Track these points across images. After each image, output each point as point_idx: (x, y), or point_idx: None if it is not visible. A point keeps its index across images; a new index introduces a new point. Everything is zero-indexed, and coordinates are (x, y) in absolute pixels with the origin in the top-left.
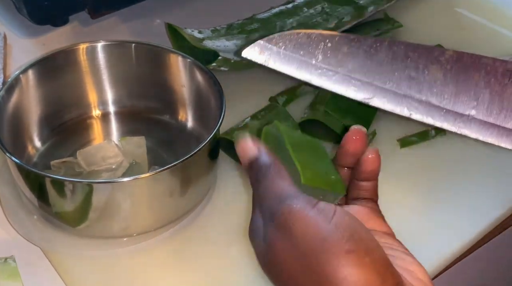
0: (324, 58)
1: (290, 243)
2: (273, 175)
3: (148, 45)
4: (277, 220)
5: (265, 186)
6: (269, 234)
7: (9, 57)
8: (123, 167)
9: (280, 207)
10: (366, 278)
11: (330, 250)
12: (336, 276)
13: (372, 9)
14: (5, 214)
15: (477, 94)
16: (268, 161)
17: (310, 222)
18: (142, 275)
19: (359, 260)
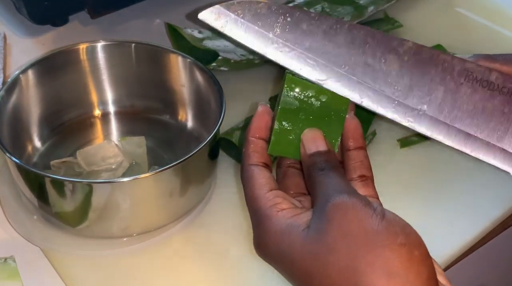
0: (282, 33)
1: (343, 233)
2: (334, 170)
3: (148, 45)
4: (333, 210)
5: (328, 177)
6: (322, 222)
7: (9, 57)
8: (123, 167)
9: (338, 198)
10: (417, 271)
11: (384, 242)
12: (388, 268)
13: (372, 9)
14: (5, 214)
15: (431, 90)
16: (332, 157)
17: (366, 216)
18: (142, 275)
19: (410, 253)
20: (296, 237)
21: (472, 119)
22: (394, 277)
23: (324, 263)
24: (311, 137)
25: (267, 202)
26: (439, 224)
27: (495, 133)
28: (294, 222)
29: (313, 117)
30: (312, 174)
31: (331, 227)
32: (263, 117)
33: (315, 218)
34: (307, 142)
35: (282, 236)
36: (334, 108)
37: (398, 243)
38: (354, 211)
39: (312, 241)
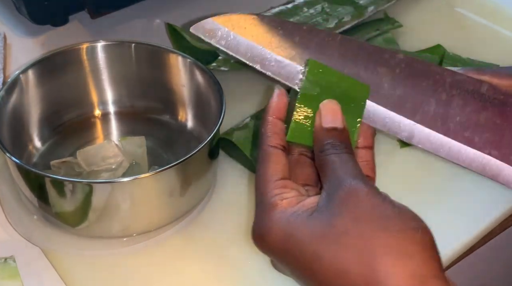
0: (274, 45)
1: (355, 218)
2: (349, 153)
3: (148, 45)
4: (346, 194)
5: (341, 159)
6: (334, 205)
7: (9, 57)
8: (123, 167)
9: (353, 182)
10: (430, 255)
11: (397, 227)
12: (402, 251)
13: (372, 9)
14: (5, 214)
15: (423, 102)
16: (347, 138)
17: (378, 202)
18: (142, 275)
19: (423, 238)
20: (303, 222)
21: (465, 131)
22: (409, 258)
23: (335, 245)
24: (331, 109)
25: (275, 189)
26: (439, 224)
27: (488, 145)
28: (300, 208)
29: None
30: (325, 151)
31: (343, 210)
32: (281, 99)
33: (325, 199)
34: (326, 113)
35: (287, 223)
36: (354, 96)
37: (411, 227)
38: (368, 197)
39: (322, 223)
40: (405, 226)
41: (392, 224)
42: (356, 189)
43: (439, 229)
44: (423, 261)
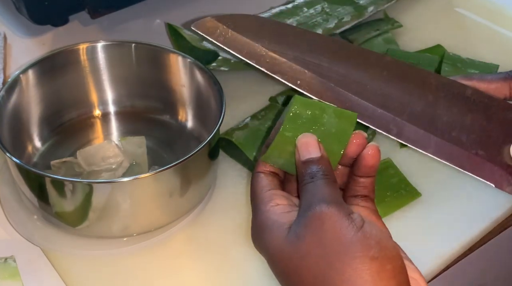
0: (269, 44)
1: (318, 241)
2: (325, 179)
3: (148, 45)
4: (312, 218)
5: (315, 186)
6: (300, 228)
7: (9, 57)
8: (123, 167)
9: (318, 207)
10: (386, 284)
11: (356, 254)
12: (357, 279)
13: (372, 9)
14: (5, 214)
15: (411, 102)
16: (325, 165)
17: (342, 226)
18: (142, 275)
19: (381, 267)
20: (277, 235)
21: (452, 131)
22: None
23: (298, 267)
24: (305, 143)
25: (264, 198)
26: (439, 224)
27: (475, 145)
28: (280, 219)
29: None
30: (303, 181)
31: (307, 234)
32: None
33: (296, 223)
34: (300, 148)
35: (266, 230)
36: (340, 125)
37: (370, 256)
38: (331, 221)
39: (289, 244)
40: (364, 253)
41: (352, 251)
42: (321, 213)
43: (439, 229)
44: None
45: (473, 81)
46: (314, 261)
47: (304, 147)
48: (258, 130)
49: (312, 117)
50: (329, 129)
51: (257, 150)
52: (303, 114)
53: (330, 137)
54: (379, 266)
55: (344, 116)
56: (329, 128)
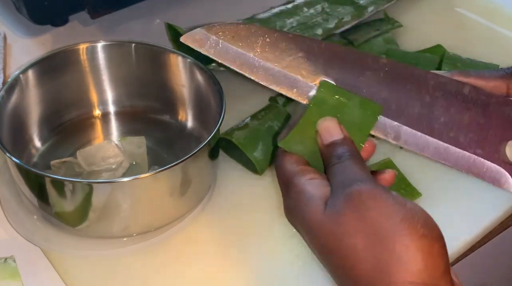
0: (262, 52)
1: (361, 218)
2: (352, 159)
3: (148, 45)
4: (351, 196)
5: (344, 166)
6: (339, 204)
7: (9, 57)
8: (123, 167)
9: (356, 186)
10: (435, 263)
11: (404, 231)
12: (408, 256)
13: (372, 9)
14: (5, 214)
15: (408, 104)
16: (349, 145)
17: (387, 204)
18: (142, 275)
19: (430, 245)
20: (315, 209)
21: (450, 131)
22: (412, 266)
23: (341, 243)
24: (326, 127)
25: (299, 172)
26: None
27: (473, 144)
28: (318, 193)
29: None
30: (330, 163)
31: (347, 211)
32: None
33: (333, 200)
34: (322, 132)
35: (303, 204)
36: (363, 115)
37: (419, 234)
38: (373, 199)
39: (329, 219)
40: (412, 231)
41: (400, 228)
42: (360, 191)
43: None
44: (425, 268)
45: (470, 78)
46: (360, 237)
47: (326, 130)
48: (258, 130)
49: (337, 104)
50: (352, 119)
51: (257, 150)
52: (329, 99)
53: (352, 128)
54: (429, 244)
55: (369, 107)
56: (353, 118)
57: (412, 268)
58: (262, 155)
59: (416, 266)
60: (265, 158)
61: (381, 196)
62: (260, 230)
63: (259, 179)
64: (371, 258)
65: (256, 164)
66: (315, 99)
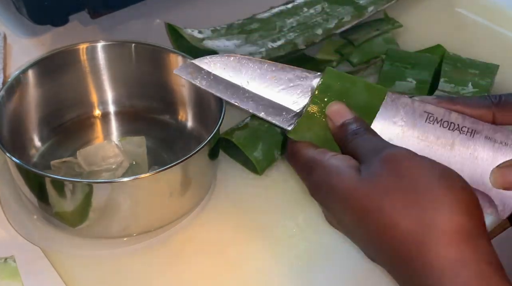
0: (251, 83)
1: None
2: (371, 132)
3: (148, 45)
4: (385, 158)
5: (365, 138)
6: (375, 167)
7: (9, 57)
8: (123, 167)
9: (388, 149)
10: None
11: (446, 184)
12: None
13: (372, 9)
14: (5, 214)
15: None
16: (362, 122)
17: (424, 163)
18: (142, 275)
19: (470, 198)
20: (348, 177)
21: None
22: (456, 214)
23: (382, 201)
24: (336, 109)
25: (320, 152)
26: None
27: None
28: (347, 162)
29: None
30: (347, 141)
31: (384, 172)
32: None
33: (367, 165)
34: (333, 115)
35: (333, 175)
36: (368, 99)
37: (458, 186)
38: (409, 159)
39: (365, 182)
40: (452, 184)
41: (441, 182)
42: (394, 153)
43: None
44: (469, 218)
45: (457, 106)
46: (401, 194)
47: (336, 113)
48: (258, 130)
49: (342, 89)
50: (358, 102)
51: (257, 150)
52: (334, 85)
53: (358, 111)
54: (469, 196)
55: (374, 91)
56: (358, 101)
57: (458, 218)
58: (262, 155)
59: (461, 215)
60: (265, 158)
61: (415, 156)
62: (260, 230)
63: (259, 179)
64: (415, 213)
65: (256, 164)
66: (321, 86)
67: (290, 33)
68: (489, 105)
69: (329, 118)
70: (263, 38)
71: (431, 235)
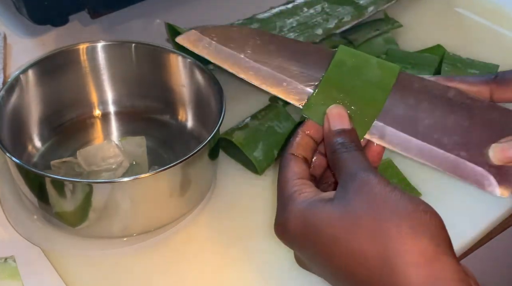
0: (252, 53)
1: (369, 204)
2: (359, 151)
3: (148, 45)
4: (360, 183)
5: (353, 156)
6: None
7: (9, 57)
8: (123, 167)
9: (365, 174)
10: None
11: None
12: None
13: (372, 9)
14: (5, 214)
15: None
16: (355, 136)
17: (389, 191)
18: (142, 275)
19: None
20: (320, 209)
21: (434, 133)
22: (420, 237)
23: (351, 228)
24: (337, 114)
25: (294, 186)
26: None
27: (457, 146)
28: (317, 198)
29: (357, 89)
30: (337, 151)
31: (357, 197)
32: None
33: (341, 191)
34: (333, 118)
35: (305, 211)
36: (381, 77)
37: (421, 210)
38: (379, 186)
39: (338, 209)
40: (415, 209)
41: (403, 208)
42: (368, 179)
43: None
44: (432, 240)
45: (454, 82)
46: (369, 220)
47: (337, 117)
48: (258, 130)
49: (356, 65)
50: (371, 78)
51: (257, 150)
52: (347, 61)
53: (373, 86)
54: (431, 218)
55: (386, 67)
56: (372, 77)
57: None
58: (262, 155)
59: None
60: (265, 158)
61: (386, 184)
62: (260, 230)
63: (259, 179)
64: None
65: (256, 164)
66: (335, 62)
67: (290, 33)
68: (487, 82)
69: (326, 119)
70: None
71: (398, 260)
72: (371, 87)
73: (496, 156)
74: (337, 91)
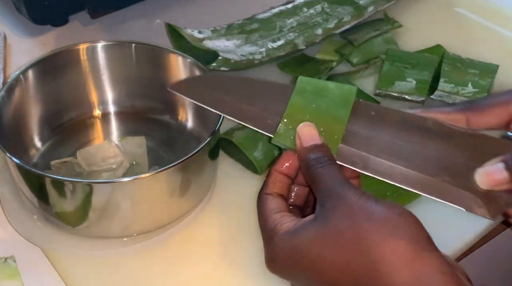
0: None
1: (349, 219)
2: (334, 165)
3: (148, 45)
4: (333, 201)
5: (328, 170)
6: (328, 211)
7: (9, 57)
8: (123, 167)
9: (337, 191)
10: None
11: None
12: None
13: (372, 9)
14: (5, 214)
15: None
16: (328, 151)
17: (365, 201)
18: (142, 275)
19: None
20: (303, 232)
21: (416, 160)
22: (399, 239)
23: (334, 243)
24: (307, 131)
25: (274, 221)
26: (439, 224)
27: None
28: (299, 225)
29: (321, 110)
30: (311, 166)
31: (336, 214)
32: (289, 158)
33: (320, 208)
34: (303, 135)
35: (289, 239)
36: (341, 98)
37: (396, 213)
38: (355, 197)
39: (320, 228)
40: (390, 213)
41: (378, 214)
42: (344, 193)
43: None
44: (411, 240)
45: (431, 113)
46: (349, 234)
47: (307, 133)
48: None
49: (316, 90)
50: (332, 99)
51: (257, 150)
52: (307, 88)
53: (335, 106)
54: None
55: (344, 89)
56: (333, 98)
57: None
58: (262, 155)
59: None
60: (265, 158)
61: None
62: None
63: (259, 179)
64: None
65: (256, 164)
66: (296, 90)
67: (290, 33)
68: (463, 110)
69: (298, 137)
70: (263, 38)
71: (381, 265)
72: (333, 106)
73: (483, 180)
74: (302, 114)
